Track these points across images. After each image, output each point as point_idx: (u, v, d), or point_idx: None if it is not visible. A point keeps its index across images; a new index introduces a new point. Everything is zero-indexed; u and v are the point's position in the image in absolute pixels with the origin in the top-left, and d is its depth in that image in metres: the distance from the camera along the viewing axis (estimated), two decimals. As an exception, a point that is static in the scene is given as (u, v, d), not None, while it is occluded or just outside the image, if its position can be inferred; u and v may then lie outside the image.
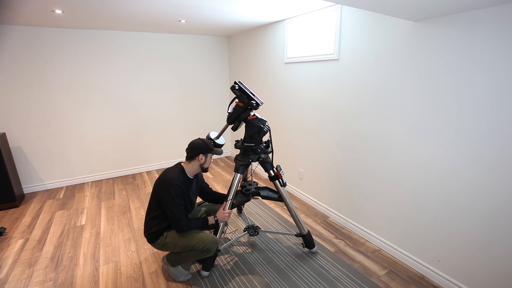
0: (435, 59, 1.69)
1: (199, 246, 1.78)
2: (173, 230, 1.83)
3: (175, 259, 1.89)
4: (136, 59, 3.64)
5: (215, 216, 1.91)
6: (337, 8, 2.26)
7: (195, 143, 1.85)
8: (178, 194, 1.75)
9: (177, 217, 1.74)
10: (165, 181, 1.76)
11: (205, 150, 1.84)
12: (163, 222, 1.83)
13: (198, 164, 1.86)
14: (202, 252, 1.80)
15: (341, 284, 1.86)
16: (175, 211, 1.74)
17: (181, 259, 1.88)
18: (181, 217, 1.76)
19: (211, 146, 1.88)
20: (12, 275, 1.99)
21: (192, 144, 1.85)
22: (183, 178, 1.82)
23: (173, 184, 1.74)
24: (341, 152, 2.49)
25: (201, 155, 1.83)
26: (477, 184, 1.60)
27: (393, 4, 1.38)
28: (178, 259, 1.89)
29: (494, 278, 1.59)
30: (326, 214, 2.78)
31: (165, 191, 1.73)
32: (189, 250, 1.79)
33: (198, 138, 1.90)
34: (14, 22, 2.79)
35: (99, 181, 3.71)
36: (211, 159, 1.92)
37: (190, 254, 1.81)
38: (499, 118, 1.46)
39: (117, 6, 2.24)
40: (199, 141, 1.87)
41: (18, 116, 3.14)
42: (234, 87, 1.87)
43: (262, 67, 3.47)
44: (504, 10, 1.37)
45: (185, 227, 1.78)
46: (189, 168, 1.86)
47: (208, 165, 1.91)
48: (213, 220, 1.89)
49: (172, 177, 1.77)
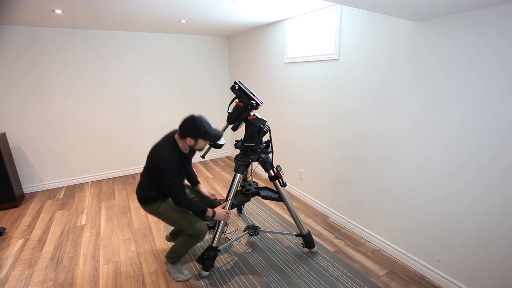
0: (434, 59, 1.69)
1: (188, 230, 1.77)
2: (168, 203, 1.81)
3: (173, 253, 1.90)
4: (136, 59, 3.63)
5: (214, 212, 1.83)
6: (337, 8, 2.26)
7: (186, 122, 1.64)
8: (174, 173, 1.65)
9: (174, 194, 1.68)
10: (158, 160, 1.64)
11: (194, 134, 1.64)
12: (158, 191, 1.79)
13: (188, 145, 1.71)
14: (190, 238, 1.80)
15: (341, 284, 1.86)
16: (172, 188, 1.67)
17: (178, 253, 1.88)
18: (179, 193, 1.69)
19: (204, 130, 1.64)
20: (12, 275, 1.99)
21: (183, 122, 1.65)
22: (177, 155, 1.70)
23: (167, 165, 1.63)
24: (341, 152, 2.49)
25: (189, 138, 1.66)
26: (476, 183, 1.60)
27: (393, 4, 1.38)
28: (175, 253, 1.89)
29: (494, 278, 1.60)
30: (326, 214, 2.78)
31: (159, 171, 1.64)
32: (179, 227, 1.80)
33: (191, 116, 1.64)
34: (14, 22, 2.79)
35: (99, 181, 3.71)
36: (204, 143, 1.72)
37: (181, 241, 1.83)
38: (498, 117, 1.46)
39: (117, 6, 2.24)
40: (190, 120, 1.63)
41: (18, 116, 3.14)
42: (234, 87, 1.87)
43: (262, 67, 3.47)
44: (504, 10, 1.37)
45: (183, 203, 1.71)
46: (181, 144, 1.73)
47: (201, 148, 1.73)
48: (210, 213, 1.81)
49: (165, 157, 1.64)
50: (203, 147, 1.73)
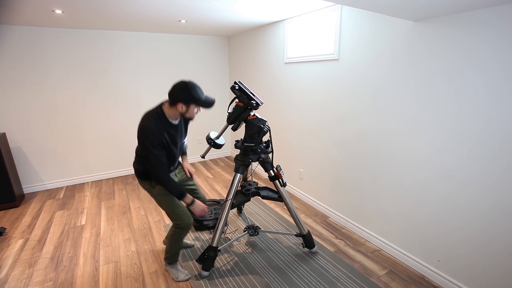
0: (434, 59, 1.69)
1: (174, 218, 1.77)
2: None
3: (167, 253, 1.90)
4: (137, 59, 3.64)
5: (193, 200, 1.73)
6: (337, 8, 2.26)
7: (176, 87, 1.54)
8: (155, 144, 1.55)
9: (153, 168, 1.58)
10: (141, 130, 1.56)
11: (185, 99, 1.53)
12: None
13: (179, 113, 1.60)
14: (175, 231, 1.80)
15: (341, 284, 1.86)
16: (151, 161, 1.57)
17: (171, 251, 1.88)
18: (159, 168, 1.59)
19: (196, 96, 1.54)
20: (12, 275, 1.99)
21: (173, 88, 1.54)
22: (163, 125, 1.60)
23: (149, 135, 1.53)
24: (341, 151, 2.49)
25: (180, 104, 1.55)
26: (476, 182, 1.60)
27: (393, 4, 1.38)
28: (169, 252, 1.90)
29: (494, 278, 1.60)
30: (326, 214, 2.78)
31: (140, 141, 1.57)
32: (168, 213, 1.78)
33: (182, 81, 1.55)
34: (14, 22, 2.79)
35: (99, 181, 3.71)
36: (196, 110, 1.61)
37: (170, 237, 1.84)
38: (497, 117, 1.46)
39: (117, 6, 2.24)
40: (181, 85, 1.53)
41: (18, 116, 3.14)
42: (234, 87, 1.87)
43: (262, 67, 3.47)
44: (504, 10, 1.37)
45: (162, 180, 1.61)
46: (170, 113, 1.61)
47: (192, 115, 1.63)
48: (189, 200, 1.71)
49: (147, 126, 1.55)
50: (194, 115, 1.64)
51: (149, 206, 2.98)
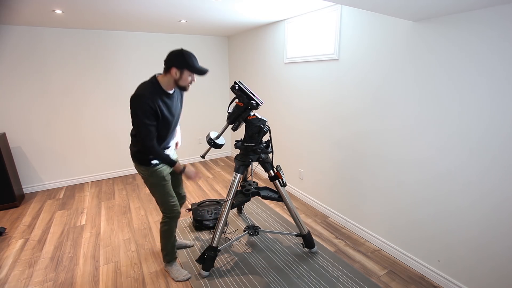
0: (435, 59, 1.69)
1: (165, 208, 1.81)
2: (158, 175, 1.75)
3: (163, 250, 1.93)
4: (137, 59, 3.63)
5: (184, 167, 1.73)
6: (337, 8, 2.26)
7: (171, 53, 1.54)
8: (147, 113, 1.52)
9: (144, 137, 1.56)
10: (134, 97, 1.52)
11: (179, 64, 1.52)
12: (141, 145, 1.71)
13: (173, 79, 1.58)
14: (164, 223, 1.85)
15: (341, 284, 1.86)
16: (141, 130, 1.55)
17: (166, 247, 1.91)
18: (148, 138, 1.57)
19: (190, 61, 1.54)
20: (12, 275, 1.99)
21: (169, 54, 1.55)
22: (157, 93, 1.57)
23: (142, 102, 1.50)
24: (341, 152, 2.49)
25: (174, 69, 1.53)
26: (476, 183, 1.60)
27: (394, 5, 1.38)
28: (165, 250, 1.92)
29: (494, 278, 1.59)
30: (326, 214, 2.78)
31: (133, 109, 1.52)
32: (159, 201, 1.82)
33: (179, 48, 1.56)
34: (14, 22, 2.79)
35: (99, 181, 3.71)
36: (190, 77, 1.59)
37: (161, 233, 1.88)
38: (498, 117, 1.46)
39: (117, 6, 2.24)
40: (177, 51, 1.53)
41: (18, 116, 3.14)
42: (234, 87, 1.87)
43: (262, 67, 3.47)
44: (504, 10, 1.37)
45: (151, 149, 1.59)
46: (164, 82, 1.59)
47: (186, 83, 1.60)
48: (180, 167, 1.72)
49: (141, 93, 1.52)
50: (187, 83, 1.62)
51: (149, 206, 2.98)
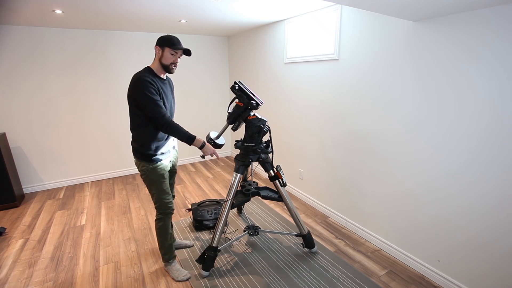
0: (434, 59, 1.69)
1: (160, 204, 1.81)
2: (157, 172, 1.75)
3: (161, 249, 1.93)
4: (137, 59, 3.63)
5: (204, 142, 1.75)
6: (337, 8, 2.26)
7: (160, 36, 1.70)
8: (152, 91, 1.60)
9: (158, 115, 1.60)
10: (136, 81, 1.60)
11: (161, 42, 1.65)
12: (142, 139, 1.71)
13: (158, 60, 1.69)
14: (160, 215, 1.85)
15: (341, 284, 1.86)
16: (153, 108, 1.60)
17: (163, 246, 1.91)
18: (164, 114, 1.62)
19: (170, 40, 1.65)
20: (12, 275, 1.99)
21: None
22: (154, 76, 1.68)
23: (143, 80, 1.59)
24: (341, 152, 2.49)
25: (157, 47, 1.67)
26: (477, 183, 1.60)
27: (394, 5, 1.38)
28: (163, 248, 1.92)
29: (494, 278, 1.59)
30: (326, 214, 2.78)
31: (137, 91, 1.59)
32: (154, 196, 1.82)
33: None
34: (14, 22, 2.79)
35: (99, 181, 3.71)
36: (171, 56, 1.67)
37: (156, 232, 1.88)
38: (498, 118, 1.46)
39: (117, 6, 2.24)
40: (164, 35, 1.70)
41: (18, 116, 3.14)
42: (234, 87, 1.87)
43: (262, 67, 3.47)
44: (504, 10, 1.37)
45: (169, 125, 1.63)
46: (155, 66, 1.71)
47: (168, 62, 1.68)
48: (200, 143, 1.72)
49: (142, 76, 1.61)
50: (169, 63, 1.69)
51: (149, 206, 2.98)
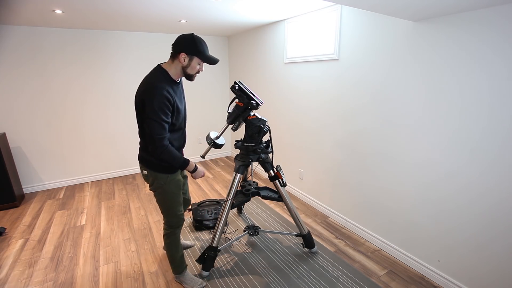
0: (435, 59, 1.69)
1: (172, 217, 1.69)
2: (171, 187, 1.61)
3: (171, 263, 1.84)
4: (137, 59, 3.63)
5: (196, 166, 1.64)
6: (337, 8, 2.26)
7: (181, 37, 1.42)
8: (163, 106, 1.38)
9: (156, 136, 1.40)
10: (149, 90, 1.38)
11: (190, 50, 1.40)
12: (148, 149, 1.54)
13: (180, 67, 1.46)
14: (167, 235, 1.73)
15: (341, 284, 1.86)
16: (154, 127, 1.39)
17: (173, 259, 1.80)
18: (161, 137, 1.41)
19: (201, 48, 1.42)
20: (12, 275, 1.99)
21: (178, 38, 1.43)
22: (168, 82, 1.44)
23: (160, 94, 1.36)
24: (341, 152, 2.49)
25: (183, 54, 1.41)
26: (476, 183, 1.60)
27: (394, 5, 1.38)
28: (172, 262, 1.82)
29: (494, 278, 1.59)
30: (326, 214, 2.78)
31: (149, 102, 1.37)
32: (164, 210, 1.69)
33: (190, 33, 1.43)
34: (14, 22, 2.79)
35: (99, 181, 3.71)
36: (199, 66, 1.47)
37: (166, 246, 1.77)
38: (498, 118, 1.46)
39: (117, 6, 2.24)
40: (187, 35, 1.42)
41: (18, 116, 3.14)
42: (234, 87, 1.87)
43: (262, 67, 3.47)
44: (504, 10, 1.37)
45: (161, 149, 1.43)
46: (171, 70, 1.47)
47: (193, 72, 1.48)
48: (192, 167, 1.61)
49: (155, 84, 1.38)
50: (195, 72, 1.50)
51: (149, 206, 2.98)
